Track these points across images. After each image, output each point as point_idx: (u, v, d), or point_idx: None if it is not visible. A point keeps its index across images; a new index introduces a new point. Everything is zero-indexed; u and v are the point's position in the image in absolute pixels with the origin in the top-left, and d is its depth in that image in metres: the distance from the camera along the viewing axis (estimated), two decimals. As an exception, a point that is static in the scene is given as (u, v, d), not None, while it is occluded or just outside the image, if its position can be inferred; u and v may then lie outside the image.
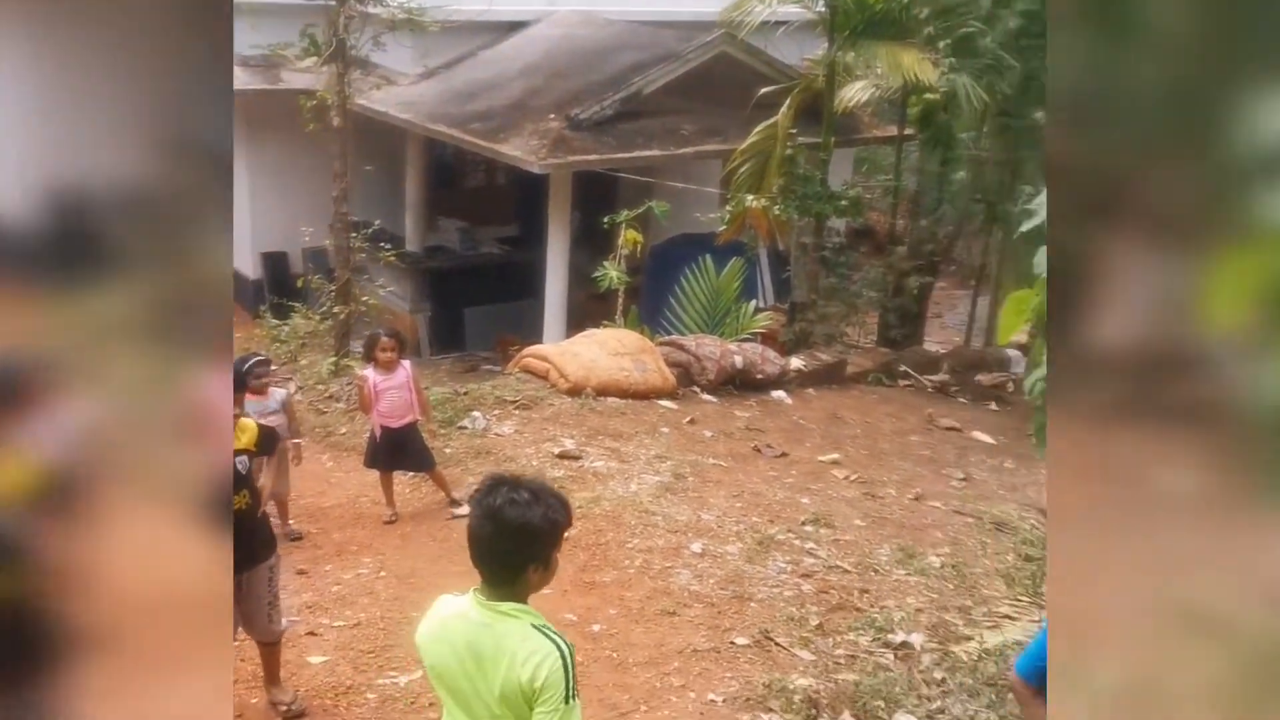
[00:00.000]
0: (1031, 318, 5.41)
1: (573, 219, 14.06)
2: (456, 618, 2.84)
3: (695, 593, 6.14)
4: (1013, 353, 13.29)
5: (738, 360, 11.04)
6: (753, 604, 6.03)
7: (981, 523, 7.81)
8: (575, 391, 9.66)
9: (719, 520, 7.24)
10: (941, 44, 12.41)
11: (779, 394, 11.12)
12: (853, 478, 8.71)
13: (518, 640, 2.74)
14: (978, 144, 14.44)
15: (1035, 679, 3.74)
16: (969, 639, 5.72)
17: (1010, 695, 5.04)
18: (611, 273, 12.04)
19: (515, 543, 2.76)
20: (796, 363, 11.97)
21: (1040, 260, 5.10)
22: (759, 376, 11.15)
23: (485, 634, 2.77)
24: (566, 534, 2.88)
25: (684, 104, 14.20)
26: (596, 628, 5.67)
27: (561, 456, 8.17)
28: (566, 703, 2.72)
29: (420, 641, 2.91)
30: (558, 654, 2.73)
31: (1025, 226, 6.13)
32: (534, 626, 2.77)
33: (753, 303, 13.52)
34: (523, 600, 2.82)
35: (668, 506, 7.38)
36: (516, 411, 9.24)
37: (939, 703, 5.02)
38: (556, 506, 2.81)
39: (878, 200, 16.43)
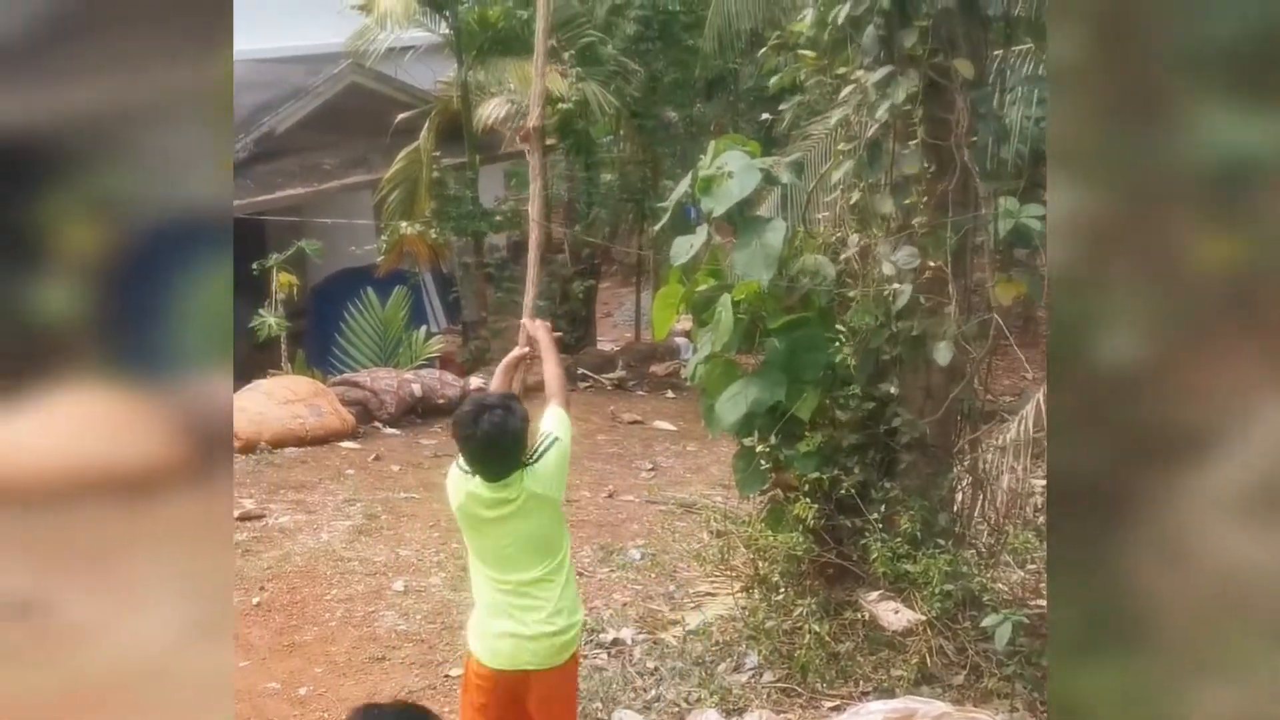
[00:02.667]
0: (682, 308, 5.70)
1: (221, 270, 13.34)
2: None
3: (403, 632, 5.99)
4: (680, 340, 13.85)
5: (416, 389, 10.90)
6: (464, 633, 5.93)
7: (671, 509, 8.09)
8: (248, 449, 9.18)
9: (418, 554, 7.11)
10: (566, 55, 12.78)
11: (463, 416, 11.05)
12: (546, 487, 8.78)
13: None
14: (617, 147, 14.97)
15: None
16: (675, 623, 5.91)
17: (719, 667, 5.27)
18: (269, 320, 11.52)
19: (512, 445, 3.58)
20: (476, 381, 11.93)
21: (676, 250, 5.36)
22: (440, 401, 11.05)
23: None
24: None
25: (321, 138, 13.83)
26: (303, 691, 5.41)
27: (243, 519, 7.73)
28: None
29: None
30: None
31: (662, 221, 6.44)
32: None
33: (424, 328, 13.38)
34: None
35: (363, 550, 7.16)
36: (186, 481, 8.66)
37: (654, 691, 5.16)
38: (517, 408, 3.59)
39: (533, 212, 16.64)
